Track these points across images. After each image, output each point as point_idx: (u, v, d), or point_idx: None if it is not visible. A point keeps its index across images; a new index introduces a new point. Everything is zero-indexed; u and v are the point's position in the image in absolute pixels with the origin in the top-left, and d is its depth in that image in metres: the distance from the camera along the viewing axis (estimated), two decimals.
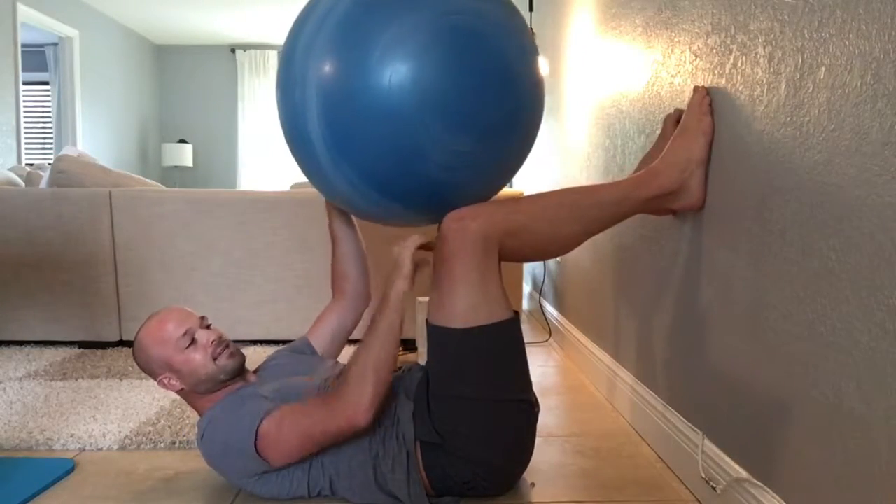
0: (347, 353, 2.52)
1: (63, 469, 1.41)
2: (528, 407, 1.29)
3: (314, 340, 1.55)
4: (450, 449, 1.22)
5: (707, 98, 1.28)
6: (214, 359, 1.29)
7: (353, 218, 1.57)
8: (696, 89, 1.31)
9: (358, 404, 1.16)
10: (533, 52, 1.30)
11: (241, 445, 1.20)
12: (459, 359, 1.23)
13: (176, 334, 1.28)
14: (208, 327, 1.34)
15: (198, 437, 1.28)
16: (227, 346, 1.31)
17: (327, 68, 1.16)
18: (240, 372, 1.34)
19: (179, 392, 1.32)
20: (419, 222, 1.37)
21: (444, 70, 1.15)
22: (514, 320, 1.27)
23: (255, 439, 1.19)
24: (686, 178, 1.29)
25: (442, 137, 1.18)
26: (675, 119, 1.40)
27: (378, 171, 1.21)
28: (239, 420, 1.23)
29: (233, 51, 7.16)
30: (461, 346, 1.23)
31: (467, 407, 1.23)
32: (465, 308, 1.22)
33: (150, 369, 1.32)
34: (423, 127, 1.16)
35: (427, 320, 1.28)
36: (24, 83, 5.87)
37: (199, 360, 1.28)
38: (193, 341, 1.29)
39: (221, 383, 1.31)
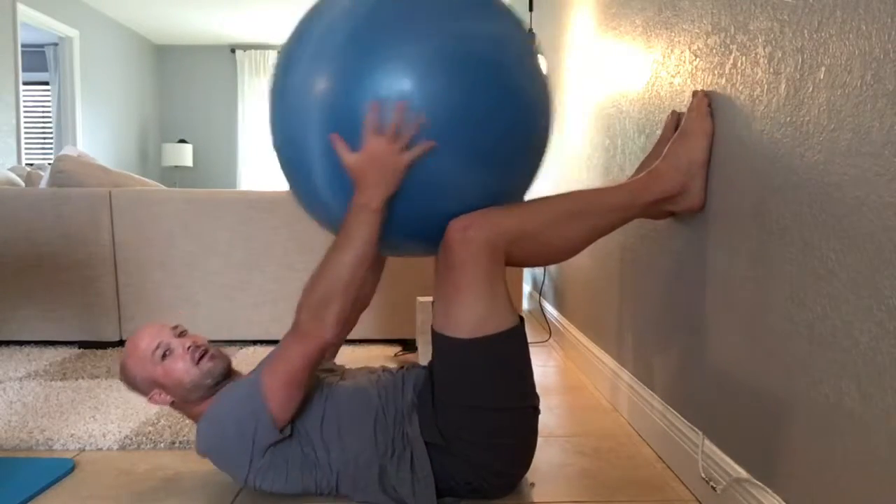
0: (346, 357, 2.51)
1: (63, 469, 1.41)
2: (532, 411, 1.29)
3: None
4: (453, 451, 1.22)
5: (706, 100, 1.28)
6: (196, 363, 1.28)
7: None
8: (694, 93, 1.31)
9: (322, 328, 1.15)
10: (541, 74, 1.29)
11: (255, 409, 1.19)
12: (467, 369, 1.22)
13: (150, 349, 1.28)
14: (182, 335, 1.32)
15: (197, 442, 1.26)
16: (206, 350, 1.30)
17: (329, 105, 1.14)
18: (227, 374, 1.33)
19: (172, 405, 1.31)
20: (420, 254, 1.37)
21: (458, 104, 1.13)
22: (520, 327, 1.26)
23: (265, 399, 1.19)
24: (688, 180, 1.29)
25: (457, 174, 1.17)
26: (674, 123, 1.40)
27: (392, 207, 1.20)
28: (239, 396, 1.23)
29: (233, 51, 7.16)
30: (467, 357, 1.22)
31: (473, 415, 1.22)
32: (473, 318, 1.20)
33: (138, 389, 1.31)
34: (437, 165, 1.14)
35: (433, 327, 1.26)
36: (24, 83, 5.88)
37: (180, 368, 1.27)
38: (169, 352, 1.28)
39: (211, 388, 1.30)
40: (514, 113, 1.18)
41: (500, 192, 1.25)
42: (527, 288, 3.69)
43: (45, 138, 6.57)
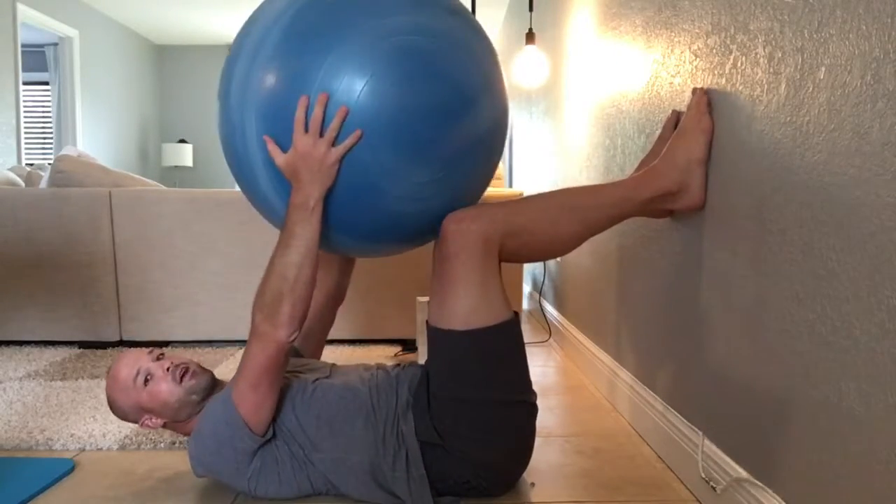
0: (332, 354, 2.51)
1: (63, 469, 1.41)
2: (529, 407, 1.29)
3: None
4: (449, 449, 1.22)
5: (705, 98, 1.28)
6: (179, 382, 1.29)
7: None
8: (694, 91, 1.31)
9: (276, 328, 1.16)
10: (493, 63, 1.27)
11: (228, 418, 1.21)
12: (460, 361, 1.23)
13: (130, 377, 1.29)
14: (160, 358, 1.33)
15: (191, 466, 1.28)
16: (186, 368, 1.31)
17: (264, 107, 1.15)
18: (212, 388, 1.34)
19: (165, 427, 1.32)
20: (393, 253, 1.37)
21: (391, 98, 1.11)
22: (515, 321, 1.27)
23: (235, 406, 1.21)
24: (687, 177, 1.29)
25: (398, 171, 1.15)
26: (673, 122, 1.40)
27: (334, 210, 1.19)
28: (215, 408, 1.25)
29: None
30: (462, 349, 1.23)
31: (468, 408, 1.22)
32: (466, 310, 1.21)
33: (129, 418, 1.33)
34: (374, 163, 1.14)
35: (427, 321, 1.28)
36: (24, 83, 5.88)
37: (164, 389, 1.28)
38: (150, 376, 1.29)
39: (198, 404, 1.31)
40: (450, 103, 1.16)
41: (451, 187, 1.23)
42: (527, 288, 3.69)
43: (45, 138, 6.57)
